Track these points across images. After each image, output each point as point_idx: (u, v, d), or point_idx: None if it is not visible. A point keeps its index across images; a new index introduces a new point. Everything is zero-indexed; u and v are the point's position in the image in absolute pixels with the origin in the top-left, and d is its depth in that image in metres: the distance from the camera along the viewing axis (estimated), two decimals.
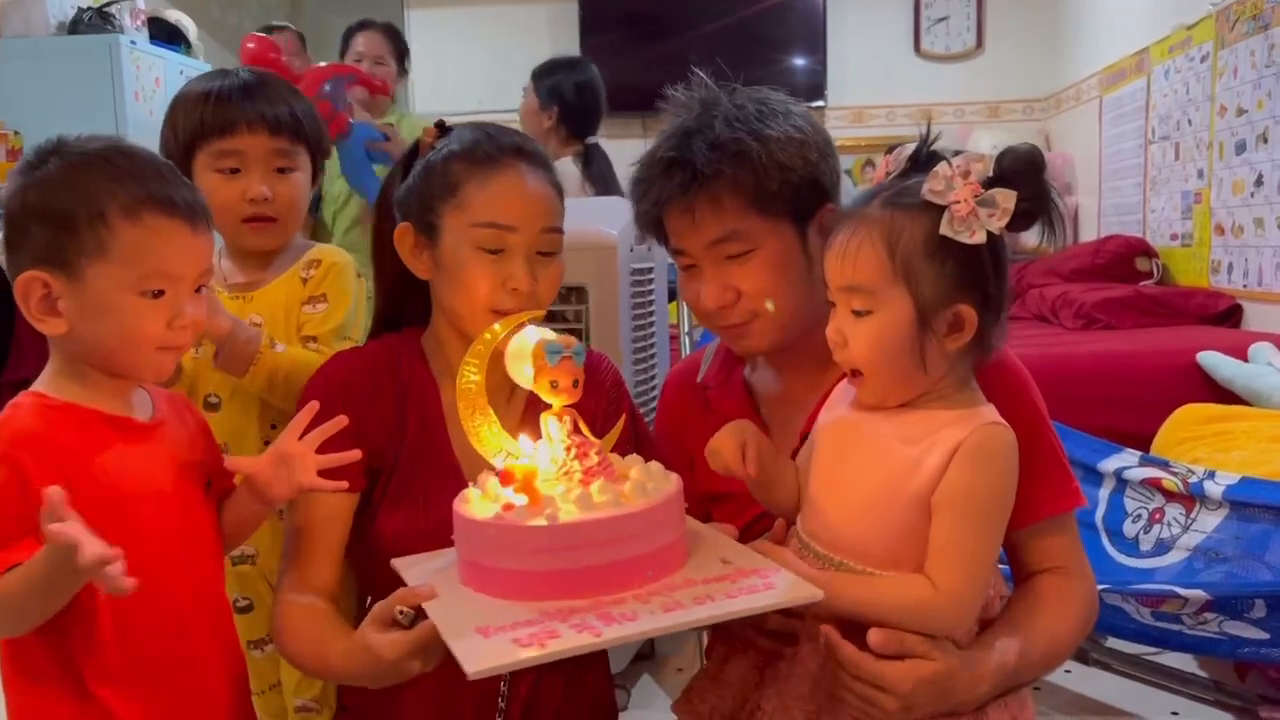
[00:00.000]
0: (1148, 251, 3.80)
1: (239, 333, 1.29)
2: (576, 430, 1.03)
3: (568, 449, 1.02)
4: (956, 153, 1.03)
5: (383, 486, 1.21)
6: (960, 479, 0.97)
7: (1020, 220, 0.99)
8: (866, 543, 1.02)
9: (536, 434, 1.06)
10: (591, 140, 3.28)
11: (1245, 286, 3.25)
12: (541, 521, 0.93)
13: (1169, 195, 3.81)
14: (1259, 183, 3.15)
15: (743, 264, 1.17)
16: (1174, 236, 3.76)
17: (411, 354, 1.26)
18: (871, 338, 1.00)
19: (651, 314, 2.16)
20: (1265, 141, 3.11)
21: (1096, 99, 4.61)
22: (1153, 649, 2.19)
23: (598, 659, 1.31)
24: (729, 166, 1.13)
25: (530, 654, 0.85)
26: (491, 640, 0.87)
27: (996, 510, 1.00)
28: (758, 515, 1.20)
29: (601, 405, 1.28)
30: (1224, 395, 2.52)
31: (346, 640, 1.04)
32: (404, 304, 1.31)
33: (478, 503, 1.01)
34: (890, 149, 1.09)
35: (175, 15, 4.73)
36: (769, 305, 1.18)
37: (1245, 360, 2.59)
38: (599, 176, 3.18)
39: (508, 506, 0.96)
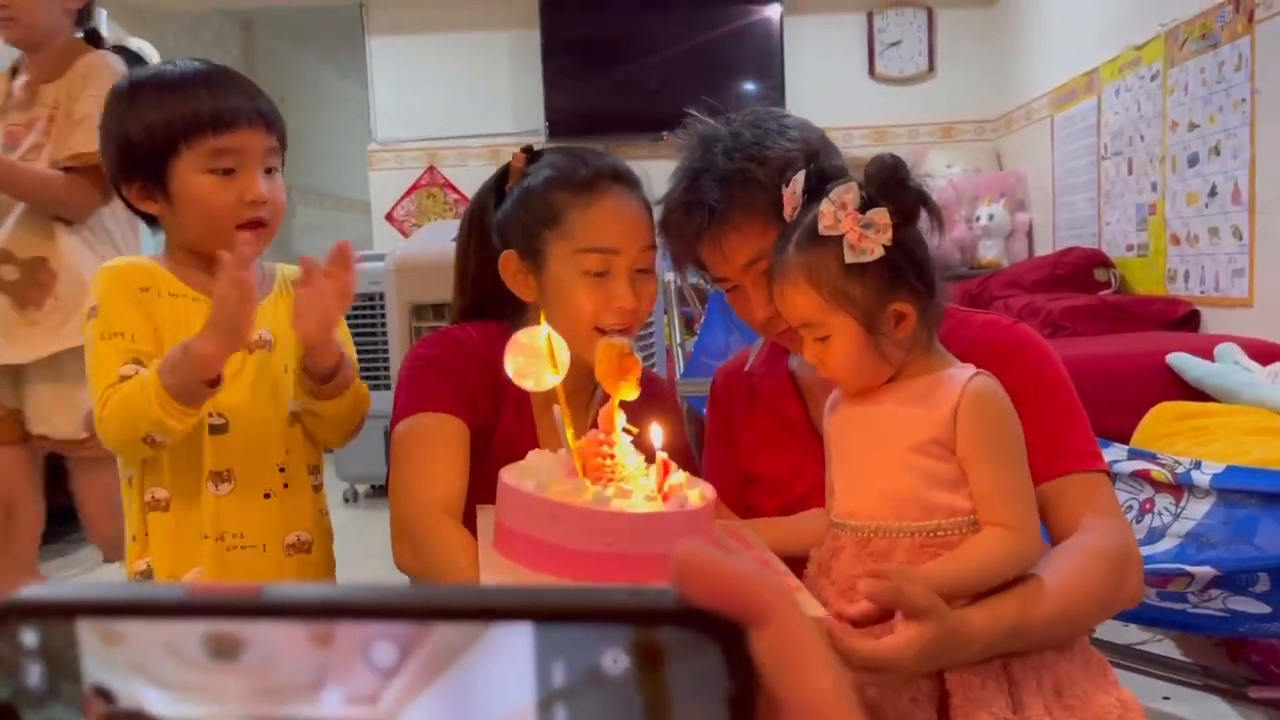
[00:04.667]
0: (1105, 262, 3.94)
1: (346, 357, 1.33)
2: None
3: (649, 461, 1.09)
4: (834, 182, 1.10)
5: (476, 461, 1.25)
6: (976, 432, 1.07)
7: (903, 225, 1.08)
8: (899, 502, 1.10)
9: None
10: None
11: (1202, 293, 3.39)
12: (590, 503, 0.99)
13: (1123, 208, 3.96)
14: (1213, 193, 3.29)
15: None
16: (1130, 247, 3.90)
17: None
18: (837, 356, 1.12)
19: (651, 326, 2.21)
20: (1218, 154, 3.25)
21: (1048, 118, 4.77)
22: (1142, 638, 2.28)
23: None
24: (740, 195, 1.21)
25: None
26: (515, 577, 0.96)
27: (1016, 445, 1.10)
28: (796, 497, 1.27)
29: (661, 415, 1.34)
30: (1194, 394, 2.62)
31: None
32: (484, 300, 1.39)
33: (533, 477, 1.05)
34: (786, 181, 1.17)
35: (137, 43, 4.71)
36: None
37: (1212, 360, 2.71)
38: None
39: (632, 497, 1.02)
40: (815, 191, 1.13)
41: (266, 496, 1.33)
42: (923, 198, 1.09)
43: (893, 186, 1.08)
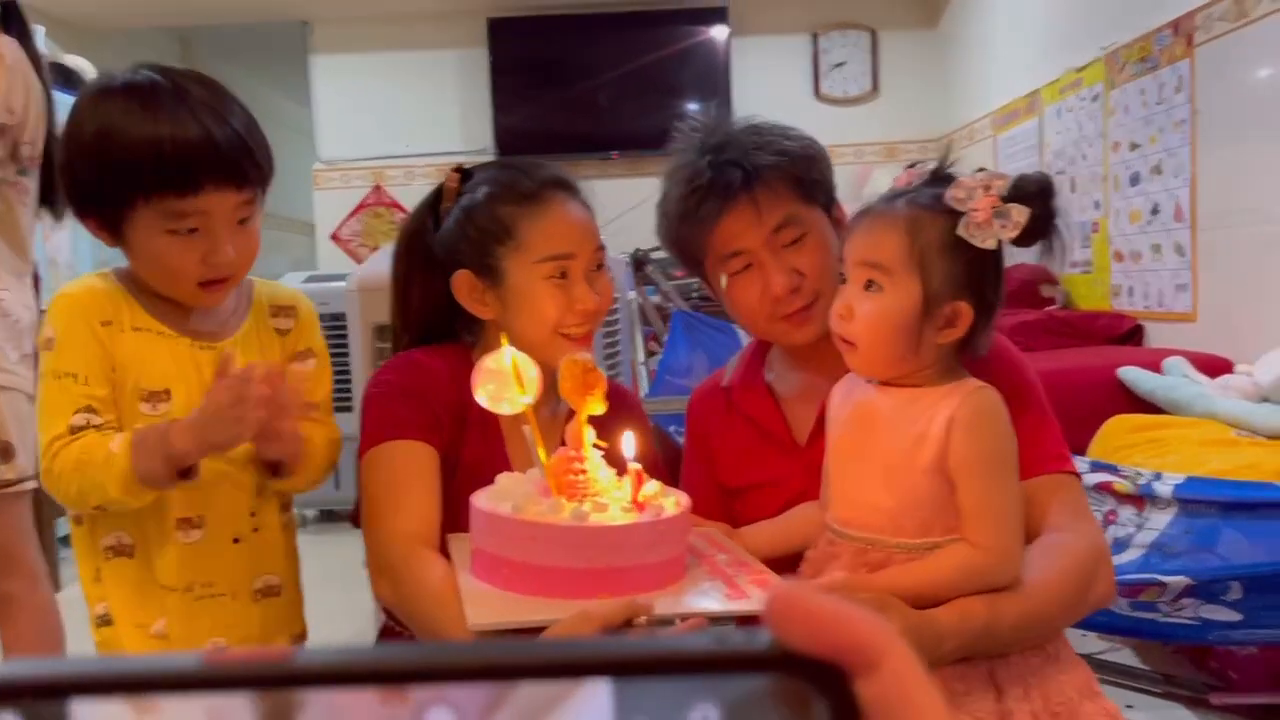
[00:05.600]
0: (1050, 279, 4.02)
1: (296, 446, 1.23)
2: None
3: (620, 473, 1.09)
4: (980, 169, 1.13)
5: (444, 484, 1.25)
6: (968, 446, 1.07)
7: (1025, 237, 1.08)
8: (896, 517, 1.10)
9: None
10: None
11: (1146, 308, 3.48)
12: (569, 520, 0.99)
13: (1067, 226, 4.04)
14: (1155, 211, 3.38)
15: (800, 249, 1.27)
16: (1074, 264, 3.99)
17: (469, 368, 1.29)
18: (878, 313, 1.09)
19: (618, 343, 2.20)
20: (1159, 173, 3.34)
21: (990, 138, 4.87)
22: (1102, 648, 2.32)
23: None
24: (771, 160, 1.25)
25: (538, 615, 0.94)
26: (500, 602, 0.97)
27: (1005, 464, 1.09)
28: (781, 506, 1.28)
29: (629, 427, 1.34)
30: (1145, 407, 2.69)
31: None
32: (434, 325, 1.37)
33: (508, 499, 1.05)
34: (912, 164, 1.19)
35: (75, 61, 4.60)
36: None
37: (1161, 374, 2.77)
38: None
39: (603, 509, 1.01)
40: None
41: (236, 541, 1.26)
42: (1056, 227, 1.10)
43: (1039, 199, 1.08)
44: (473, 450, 1.29)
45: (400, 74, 5.64)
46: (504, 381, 1.10)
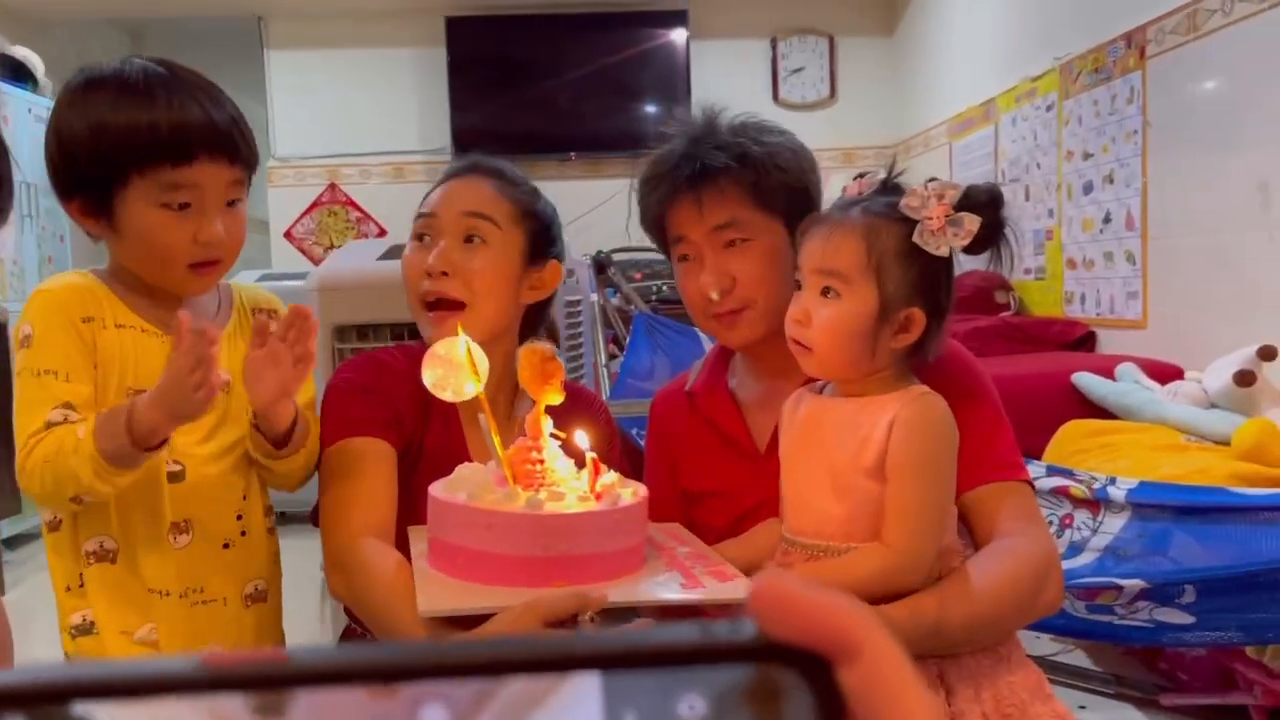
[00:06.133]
0: (1004, 285, 4.08)
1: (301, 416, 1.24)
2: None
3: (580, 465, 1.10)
4: (932, 179, 1.15)
5: (404, 480, 1.26)
6: (901, 448, 1.09)
7: (976, 245, 1.11)
8: (847, 523, 1.11)
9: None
10: None
11: (1098, 314, 3.54)
12: (525, 509, 0.99)
13: (1021, 233, 4.10)
14: (1107, 220, 3.44)
15: (740, 253, 1.27)
16: (1027, 271, 4.05)
17: None
18: (836, 319, 1.12)
19: (580, 344, 2.20)
20: (1111, 182, 3.40)
21: (946, 145, 4.93)
22: (1055, 649, 2.35)
23: None
24: (734, 163, 1.26)
25: (490, 602, 0.95)
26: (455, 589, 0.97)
27: (935, 468, 1.11)
28: (743, 512, 1.29)
29: (589, 422, 1.34)
30: (1098, 412, 2.73)
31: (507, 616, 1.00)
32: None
33: (464, 489, 1.05)
34: (861, 174, 1.23)
35: (22, 52, 4.51)
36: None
37: (1113, 380, 2.82)
38: None
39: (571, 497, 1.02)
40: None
41: (226, 546, 1.24)
42: (1005, 235, 1.12)
43: (989, 208, 1.10)
44: (434, 443, 1.30)
45: (357, 71, 5.59)
46: (451, 368, 1.10)
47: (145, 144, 1.13)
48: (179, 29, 5.81)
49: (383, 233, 5.63)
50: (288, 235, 5.66)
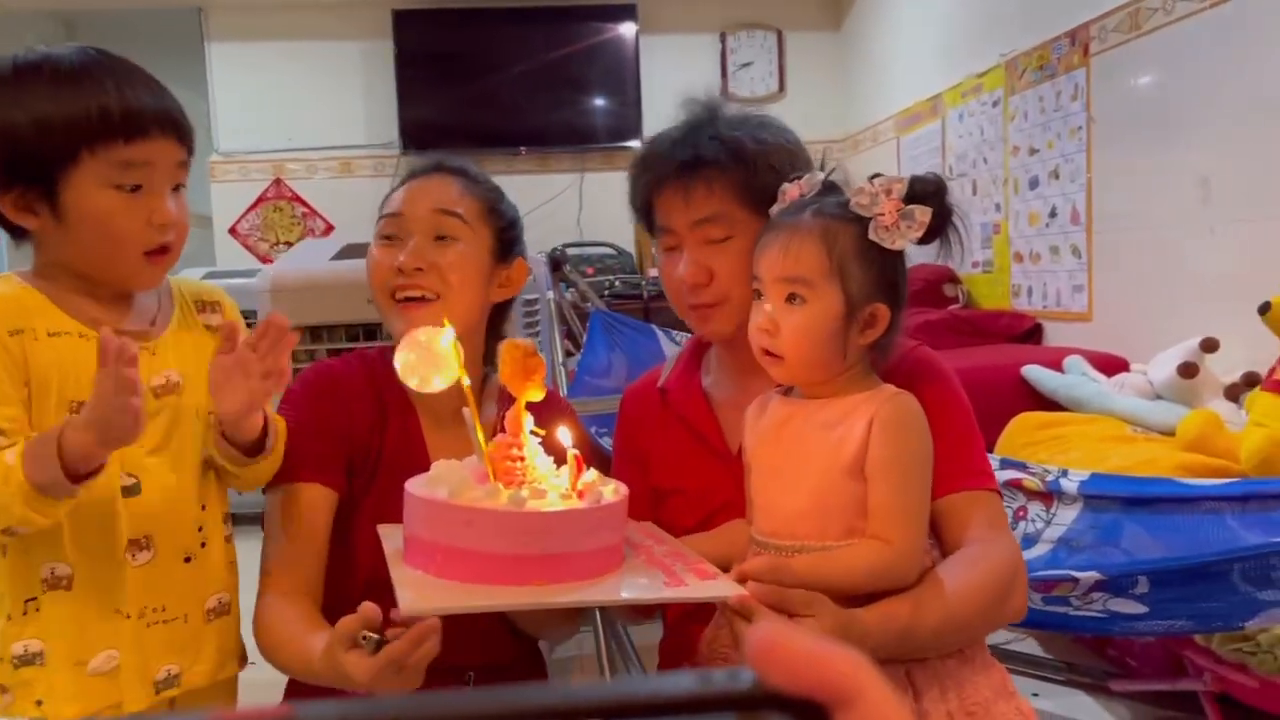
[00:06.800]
0: (953, 278, 4.14)
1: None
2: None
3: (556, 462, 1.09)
4: (875, 175, 1.16)
5: (362, 490, 1.26)
6: (884, 447, 1.10)
7: (926, 234, 1.12)
8: (822, 523, 1.12)
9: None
10: None
11: (1045, 307, 3.60)
12: (507, 506, 0.98)
13: (969, 227, 4.16)
14: (1053, 214, 3.50)
15: (722, 249, 1.27)
16: (975, 264, 4.11)
17: (388, 366, 1.26)
18: (806, 325, 1.12)
19: (539, 343, 2.19)
20: (1057, 178, 3.46)
21: (894, 140, 4.98)
22: (1007, 638, 2.39)
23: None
24: (727, 157, 1.25)
25: (474, 601, 0.94)
26: (433, 588, 0.96)
27: (920, 467, 1.13)
28: (712, 511, 1.29)
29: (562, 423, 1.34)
30: (1047, 404, 2.79)
31: (323, 651, 1.03)
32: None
33: (444, 485, 1.03)
34: (798, 175, 1.22)
35: None
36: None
37: (1061, 372, 2.88)
38: None
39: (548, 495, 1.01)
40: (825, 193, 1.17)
41: (187, 560, 1.19)
42: (954, 222, 1.14)
43: (936, 198, 1.11)
44: (393, 447, 1.29)
45: (301, 65, 5.50)
46: (426, 356, 1.09)
47: (98, 119, 1.07)
48: (116, 20, 5.67)
49: (330, 229, 5.56)
50: (232, 231, 5.56)
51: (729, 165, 1.25)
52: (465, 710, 0.24)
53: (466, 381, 1.07)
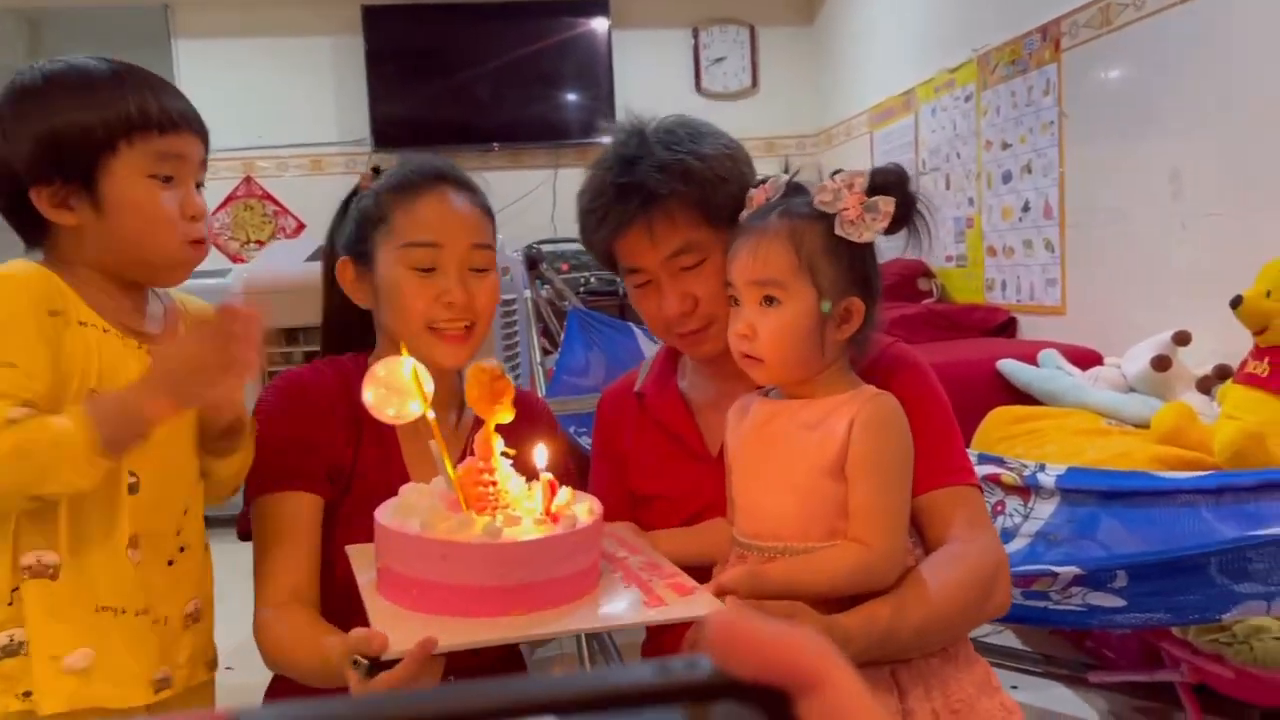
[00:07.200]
0: (927, 272, 4.15)
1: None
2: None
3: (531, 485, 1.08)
4: (836, 171, 1.17)
5: (338, 501, 1.24)
6: (864, 448, 1.10)
7: (891, 224, 1.13)
8: (805, 525, 1.12)
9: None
10: None
11: (1018, 301, 3.63)
12: (482, 537, 0.97)
13: (942, 221, 4.19)
14: (1025, 209, 3.53)
15: (697, 273, 1.26)
16: (949, 258, 4.13)
17: (361, 375, 1.25)
18: (783, 326, 1.13)
19: (516, 342, 2.17)
20: (1029, 172, 3.48)
21: (867, 134, 5.00)
22: (985, 631, 2.41)
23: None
24: (679, 184, 1.22)
25: (459, 639, 0.91)
26: (414, 623, 0.94)
27: (901, 467, 1.13)
28: (692, 514, 1.29)
29: (539, 433, 1.32)
30: (1022, 398, 2.81)
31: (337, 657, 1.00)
32: (348, 332, 1.37)
33: (415, 515, 1.01)
34: (763, 179, 1.23)
35: None
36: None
37: (1036, 366, 2.90)
38: None
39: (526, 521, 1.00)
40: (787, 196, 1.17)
41: (170, 564, 1.19)
42: (919, 210, 1.13)
43: (898, 188, 1.11)
44: (368, 460, 1.27)
45: (271, 61, 5.44)
46: (392, 389, 1.07)
47: (136, 112, 1.12)
48: (81, 17, 5.58)
49: (301, 227, 5.51)
50: None
51: (683, 192, 1.22)
52: (419, 708, 0.24)
53: (431, 415, 1.05)
